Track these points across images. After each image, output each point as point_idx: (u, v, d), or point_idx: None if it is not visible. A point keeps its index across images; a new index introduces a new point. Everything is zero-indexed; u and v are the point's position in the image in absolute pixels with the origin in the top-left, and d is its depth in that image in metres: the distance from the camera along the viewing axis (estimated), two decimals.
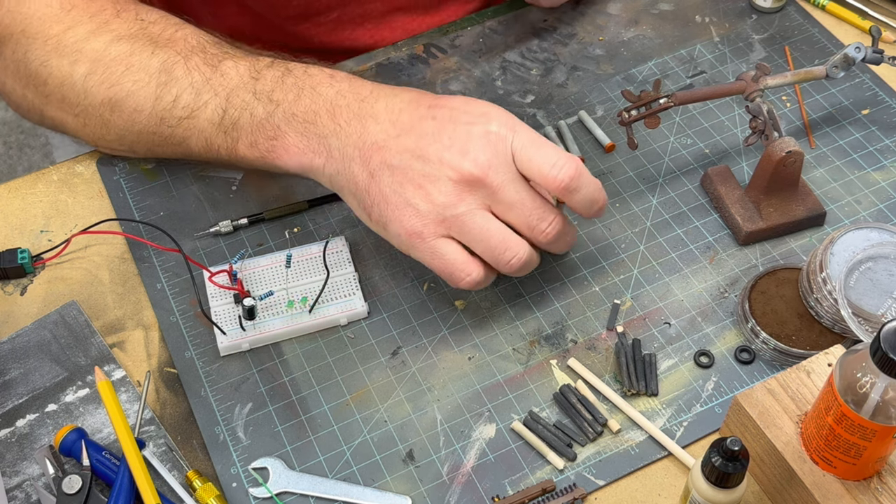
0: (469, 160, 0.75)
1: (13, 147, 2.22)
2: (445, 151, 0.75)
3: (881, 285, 0.80)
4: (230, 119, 0.81)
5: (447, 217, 0.75)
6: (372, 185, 0.77)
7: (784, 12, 1.08)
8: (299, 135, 0.79)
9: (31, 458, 0.77)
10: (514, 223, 0.77)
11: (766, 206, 0.88)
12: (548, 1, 1.05)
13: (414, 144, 0.76)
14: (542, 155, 0.75)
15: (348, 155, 0.78)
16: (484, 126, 0.76)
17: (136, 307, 0.86)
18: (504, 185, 0.75)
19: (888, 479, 0.70)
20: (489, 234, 0.76)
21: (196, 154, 0.86)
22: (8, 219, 0.92)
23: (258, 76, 0.81)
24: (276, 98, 0.80)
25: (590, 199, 0.78)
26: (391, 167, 0.76)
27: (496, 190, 0.75)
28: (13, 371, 0.82)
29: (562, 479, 0.76)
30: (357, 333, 0.84)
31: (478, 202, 0.76)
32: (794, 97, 1.00)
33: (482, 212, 0.76)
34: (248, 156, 0.82)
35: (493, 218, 0.76)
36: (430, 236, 0.76)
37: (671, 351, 0.82)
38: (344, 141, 0.78)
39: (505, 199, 0.75)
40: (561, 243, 0.80)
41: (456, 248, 0.77)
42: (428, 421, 0.79)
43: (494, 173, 0.75)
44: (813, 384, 0.74)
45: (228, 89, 0.81)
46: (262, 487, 0.75)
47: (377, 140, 0.77)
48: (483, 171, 0.75)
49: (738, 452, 0.64)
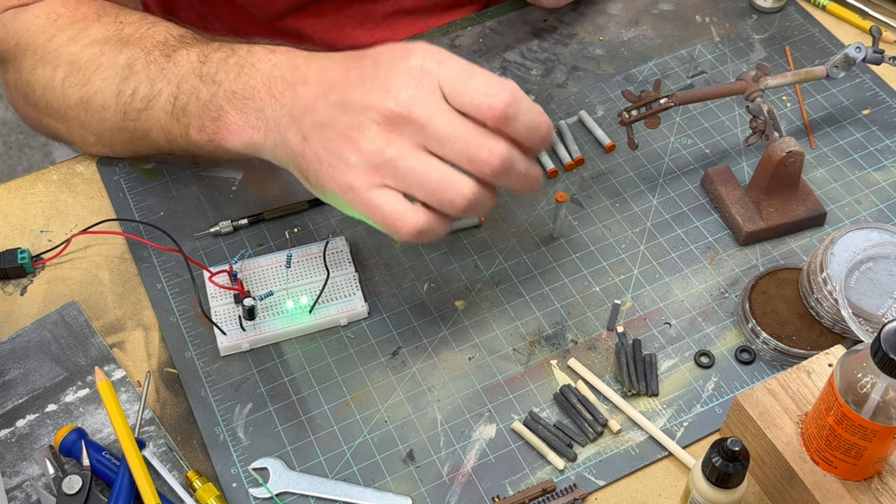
0: (390, 98, 0.70)
1: (13, 147, 2.22)
2: (366, 95, 0.71)
3: (881, 285, 0.80)
4: (180, 105, 0.80)
5: (378, 164, 0.71)
6: (306, 148, 0.73)
7: (784, 12, 1.08)
8: (239, 112, 0.77)
9: (31, 458, 0.77)
10: (451, 158, 0.71)
11: (767, 206, 0.88)
12: (550, 1, 1.05)
13: (338, 98, 0.72)
14: (473, 84, 0.70)
15: (283, 124, 0.75)
16: (405, 62, 0.71)
17: (136, 307, 0.86)
18: (432, 117, 0.70)
19: (888, 479, 0.70)
20: (426, 175, 0.70)
21: (162, 146, 0.85)
22: (8, 219, 0.92)
23: (206, 60, 0.80)
24: (219, 79, 0.78)
25: (531, 125, 0.72)
26: (321, 125, 0.73)
27: (425, 124, 0.70)
28: (13, 371, 0.82)
29: (562, 479, 0.76)
30: (357, 333, 0.84)
31: (409, 142, 0.71)
32: (795, 97, 1.00)
33: (415, 151, 0.71)
34: (200, 140, 0.80)
35: (428, 157, 0.71)
36: (363, 188, 0.71)
37: (671, 351, 0.82)
38: (279, 111, 0.75)
39: (435, 132, 0.70)
40: (514, 177, 0.73)
41: (393, 196, 0.71)
42: (428, 421, 0.79)
43: (419, 107, 0.70)
44: (813, 384, 0.73)
45: (179, 76, 0.81)
46: (262, 487, 0.75)
47: (307, 103, 0.74)
48: (406, 107, 0.70)
49: (738, 453, 0.64)
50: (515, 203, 0.92)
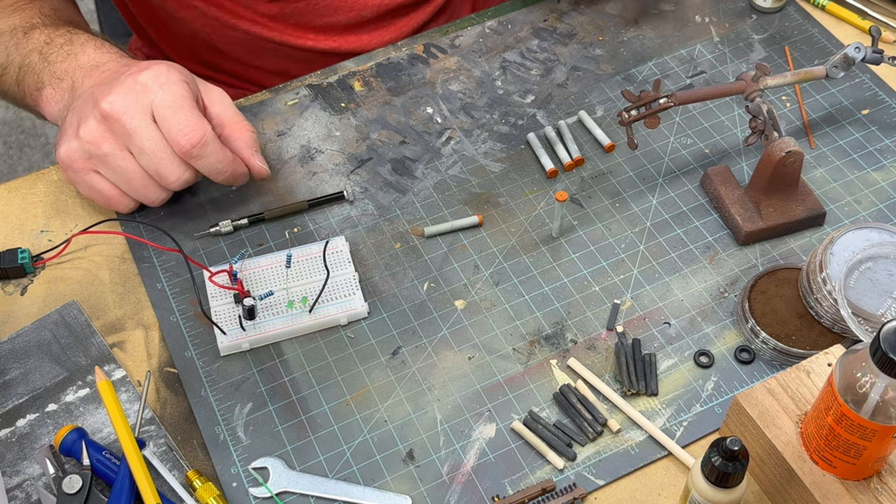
0: (108, 101, 0.83)
1: (13, 147, 2.22)
2: (98, 92, 0.84)
3: (881, 285, 0.80)
4: (21, 75, 0.94)
5: (92, 155, 0.84)
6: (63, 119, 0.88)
7: (784, 12, 1.08)
8: (53, 88, 0.91)
9: (32, 457, 0.77)
10: (146, 168, 0.84)
11: (766, 206, 0.88)
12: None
13: (92, 90, 0.86)
14: (174, 119, 0.82)
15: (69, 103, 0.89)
16: (136, 76, 0.84)
17: (136, 307, 0.86)
18: (137, 130, 0.82)
19: (888, 478, 0.70)
20: (130, 178, 0.85)
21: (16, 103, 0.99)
22: (8, 219, 0.92)
23: (50, 42, 0.93)
24: (51, 59, 0.92)
25: (213, 168, 0.85)
26: (75, 107, 0.87)
27: (130, 134, 0.82)
28: (13, 371, 0.82)
29: (562, 478, 0.76)
30: (357, 333, 0.84)
31: (119, 144, 0.83)
32: (794, 97, 1.00)
33: (124, 154, 0.84)
34: (30, 105, 0.95)
35: (135, 163, 0.84)
36: (81, 170, 0.85)
37: (671, 351, 0.82)
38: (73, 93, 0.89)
39: (137, 144, 0.83)
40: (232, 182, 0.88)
41: (108, 185, 0.86)
42: (428, 421, 0.79)
43: (129, 118, 0.82)
44: (813, 384, 0.74)
45: (27, 51, 0.94)
46: (262, 487, 0.75)
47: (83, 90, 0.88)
48: (118, 113, 0.82)
49: (737, 452, 0.64)
50: (515, 203, 0.92)
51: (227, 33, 1.09)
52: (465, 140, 0.97)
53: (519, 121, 0.99)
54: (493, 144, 0.97)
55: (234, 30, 1.08)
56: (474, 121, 0.99)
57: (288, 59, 1.12)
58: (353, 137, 0.98)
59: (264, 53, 1.11)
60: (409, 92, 1.01)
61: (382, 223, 0.91)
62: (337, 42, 1.11)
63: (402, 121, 0.99)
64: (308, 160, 0.96)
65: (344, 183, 0.94)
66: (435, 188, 0.93)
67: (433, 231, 0.89)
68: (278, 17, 1.08)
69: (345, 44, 1.11)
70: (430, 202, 0.92)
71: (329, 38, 1.11)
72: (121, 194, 0.87)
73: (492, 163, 0.95)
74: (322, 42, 1.11)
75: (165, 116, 0.82)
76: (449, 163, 0.95)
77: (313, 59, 1.11)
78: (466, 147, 0.96)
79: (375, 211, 0.92)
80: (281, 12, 1.07)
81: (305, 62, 1.11)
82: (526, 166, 0.95)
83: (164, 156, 0.83)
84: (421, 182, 0.94)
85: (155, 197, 0.87)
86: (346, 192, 0.92)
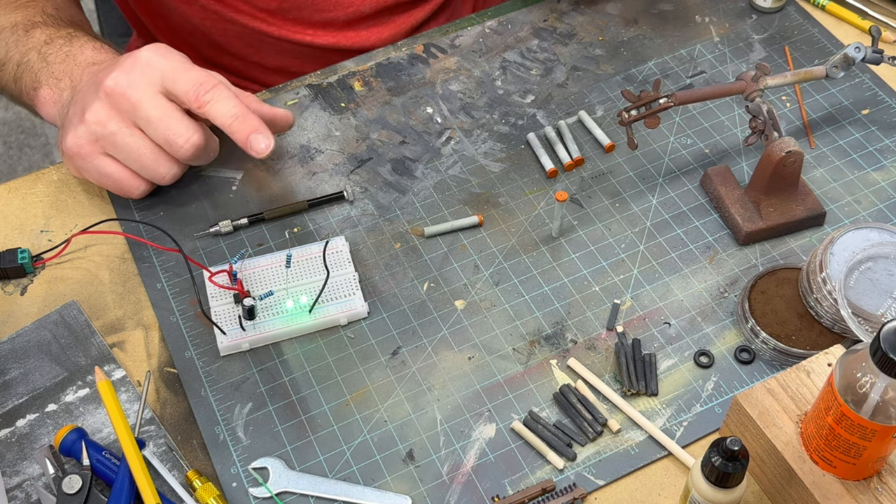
0: (111, 78, 0.84)
1: (13, 147, 2.22)
2: (100, 75, 0.85)
3: (881, 285, 0.80)
4: (20, 72, 0.95)
5: (100, 136, 0.84)
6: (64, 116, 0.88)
7: (784, 12, 1.08)
8: (51, 88, 0.92)
9: (32, 457, 0.77)
10: (155, 139, 0.84)
11: (766, 205, 0.88)
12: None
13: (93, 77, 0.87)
14: (185, 76, 0.84)
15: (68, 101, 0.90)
16: (137, 55, 0.85)
17: (136, 307, 0.86)
18: (141, 101, 0.83)
19: (888, 478, 0.70)
20: (140, 154, 0.85)
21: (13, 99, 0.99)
22: (8, 219, 0.92)
23: (50, 42, 0.94)
24: (50, 59, 0.93)
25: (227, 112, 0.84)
26: (77, 98, 0.87)
27: (136, 105, 0.83)
28: (13, 371, 0.82)
29: (562, 478, 0.76)
30: (357, 333, 0.84)
31: (126, 121, 0.84)
32: (794, 97, 1.00)
33: (132, 130, 0.84)
34: (27, 103, 0.95)
35: (142, 136, 0.85)
36: (90, 155, 0.86)
37: (671, 351, 0.82)
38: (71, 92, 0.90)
39: (143, 115, 0.83)
40: (202, 159, 0.88)
41: (118, 167, 0.87)
42: (428, 421, 0.79)
43: (134, 90, 0.83)
44: (813, 384, 0.74)
45: (26, 49, 0.94)
46: (262, 487, 0.75)
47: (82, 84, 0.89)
48: (122, 87, 0.83)
49: (737, 452, 0.64)
50: (515, 203, 0.92)
51: (227, 28, 1.09)
52: (465, 140, 0.97)
53: (519, 121, 0.99)
54: (493, 144, 0.97)
55: (233, 24, 1.09)
56: (474, 121, 0.99)
57: (287, 54, 1.12)
58: (353, 137, 0.98)
59: (264, 49, 1.12)
60: (409, 92, 1.01)
61: (382, 223, 0.91)
62: (336, 38, 1.11)
63: (402, 121, 0.99)
64: (308, 160, 0.96)
65: (344, 183, 0.94)
66: (435, 188, 0.93)
67: (433, 231, 0.89)
68: (277, 12, 1.08)
69: (343, 40, 1.12)
70: (430, 202, 0.92)
71: (328, 34, 1.11)
72: (132, 175, 0.87)
73: (492, 163, 0.95)
74: (321, 38, 1.11)
75: (176, 78, 0.84)
76: (449, 163, 0.95)
77: (312, 54, 1.11)
78: (466, 147, 0.96)
79: (375, 211, 0.92)
80: (280, 7, 1.08)
81: (305, 58, 1.11)
82: (526, 166, 0.95)
83: (172, 121, 0.84)
84: (421, 182, 0.94)
85: (166, 171, 0.86)
86: (346, 192, 0.92)
